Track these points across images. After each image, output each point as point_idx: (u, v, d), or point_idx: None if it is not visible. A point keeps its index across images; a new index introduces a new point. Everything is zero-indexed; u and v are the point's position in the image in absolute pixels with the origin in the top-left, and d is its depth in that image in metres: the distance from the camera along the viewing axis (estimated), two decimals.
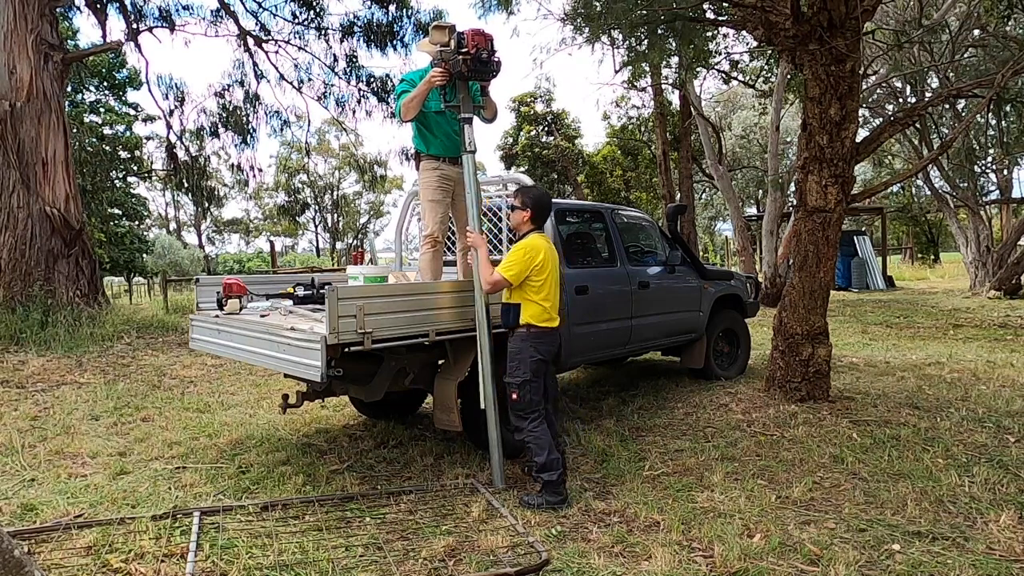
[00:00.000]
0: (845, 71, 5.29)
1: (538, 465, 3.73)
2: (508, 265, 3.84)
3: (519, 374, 3.80)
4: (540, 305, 3.86)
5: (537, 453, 3.74)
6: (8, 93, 9.93)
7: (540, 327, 3.87)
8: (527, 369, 3.80)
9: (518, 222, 4.06)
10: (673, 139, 20.38)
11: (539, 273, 3.84)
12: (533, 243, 3.91)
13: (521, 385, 3.80)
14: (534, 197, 4.05)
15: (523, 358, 3.82)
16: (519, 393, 3.80)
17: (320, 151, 41.66)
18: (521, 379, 3.80)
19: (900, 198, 28.67)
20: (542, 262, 3.85)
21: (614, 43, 7.28)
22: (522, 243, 3.94)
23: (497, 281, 3.86)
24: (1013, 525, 3.30)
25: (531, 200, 4.02)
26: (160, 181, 34.36)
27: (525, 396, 3.79)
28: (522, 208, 4.02)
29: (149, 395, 6.69)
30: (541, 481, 3.74)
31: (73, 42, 19.80)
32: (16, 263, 9.78)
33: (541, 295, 3.86)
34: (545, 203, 4.09)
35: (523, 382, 3.79)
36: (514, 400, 3.82)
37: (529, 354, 3.82)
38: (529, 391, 3.79)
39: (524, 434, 3.81)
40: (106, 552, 3.15)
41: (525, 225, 4.03)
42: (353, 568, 3.01)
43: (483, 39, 4.02)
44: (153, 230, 36.14)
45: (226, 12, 13.61)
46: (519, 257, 3.85)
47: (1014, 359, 7.68)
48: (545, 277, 3.86)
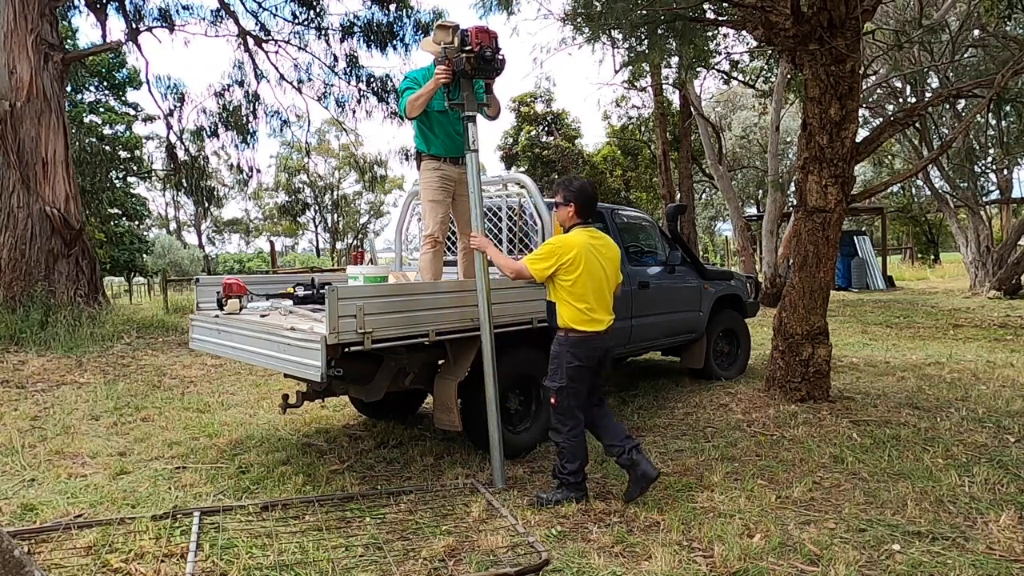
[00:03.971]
0: (845, 71, 5.29)
1: (568, 471, 3.69)
2: (533, 257, 3.72)
3: (557, 379, 3.67)
4: (575, 307, 3.65)
5: (570, 459, 3.67)
6: (8, 93, 9.93)
7: (579, 331, 3.66)
8: (564, 375, 3.65)
9: (564, 219, 3.84)
10: (673, 139, 20.37)
11: (569, 271, 3.62)
12: (565, 238, 3.72)
13: (559, 391, 3.67)
14: (576, 190, 3.80)
15: (560, 363, 3.67)
16: (557, 398, 3.68)
17: (320, 151, 41.66)
18: (559, 384, 3.67)
19: (900, 198, 28.67)
20: (573, 259, 3.62)
21: (614, 43, 7.28)
22: (554, 237, 3.76)
23: (519, 269, 3.74)
24: (1013, 525, 3.30)
25: (573, 193, 3.79)
26: (160, 181, 34.31)
27: (564, 401, 3.67)
28: (565, 204, 3.80)
29: (149, 395, 6.69)
30: (568, 482, 3.70)
31: (73, 42, 19.79)
32: (16, 263, 9.78)
33: (574, 296, 3.64)
34: (589, 194, 3.83)
35: (559, 388, 3.67)
36: (553, 404, 3.71)
37: (567, 359, 3.65)
38: (567, 396, 3.66)
39: (560, 437, 3.71)
40: (106, 552, 3.15)
41: (571, 220, 3.81)
42: (353, 568, 3.01)
43: (487, 36, 4.02)
44: (153, 230, 36.13)
45: (226, 12, 13.61)
46: (545, 251, 3.69)
47: (1014, 359, 7.68)
48: (577, 276, 3.62)
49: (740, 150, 28.05)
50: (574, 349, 3.66)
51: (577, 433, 3.69)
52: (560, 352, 3.68)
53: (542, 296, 4.73)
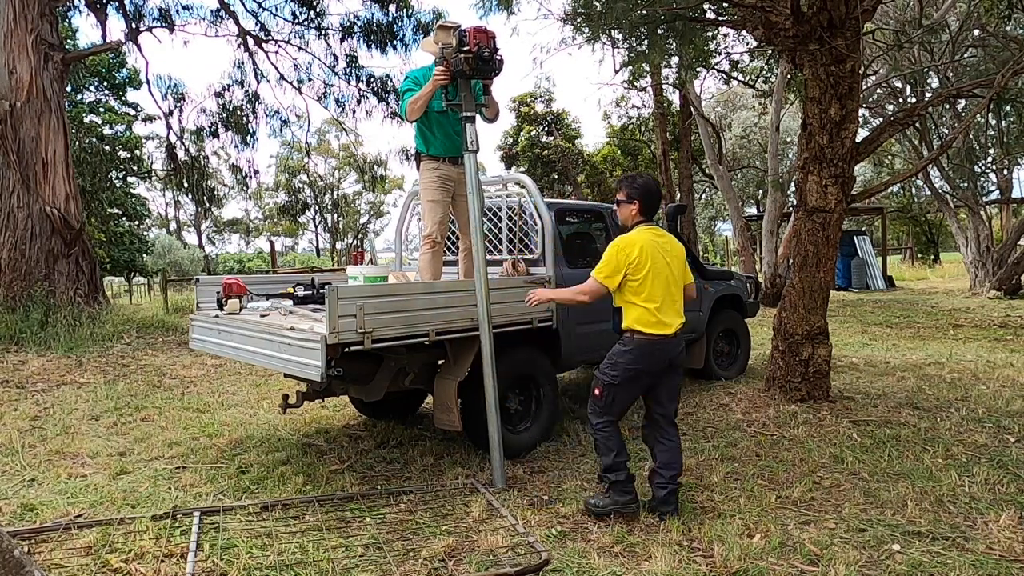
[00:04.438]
0: (845, 71, 5.29)
1: (604, 466, 3.54)
2: (599, 267, 3.53)
3: (608, 373, 3.52)
4: (642, 307, 3.46)
5: (604, 453, 3.53)
6: (8, 93, 9.93)
7: (645, 333, 3.46)
8: (618, 373, 3.50)
9: (626, 217, 3.69)
10: (673, 139, 20.37)
11: (636, 271, 3.45)
12: (627, 238, 3.54)
13: (607, 386, 3.52)
14: (640, 187, 3.64)
15: (620, 363, 3.50)
16: (601, 391, 3.53)
17: (320, 151, 41.67)
18: (609, 380, 3.51)
19: (900, 198, 28.66)
20: (638, 259, 3.45)
21: (614, 43, 7.27)
22: (619, 239, 3.57)
23: (591, 289, 3.53)
24: (1013, 525, 3.30)
25: (637, 190, 3.63)
26: (160, 181, 34.35)
27: (607, 397, 3.52)
28: (628, 201, 3.65)
29: (149, 395, 6.69)
30: (607, 481, 3.53)
31: (73, 42, 19.79)
32: (16, 263, 9.78)
33: (641, 296, 3.46)
34: (653, 190, 3.68)
35: (608, 384, 3.51)
36: (595, 395, 3.56)
37: (628, 361, 3.48)
38: (612, 394, 3.51)
39: (592, 428, 3.60)
40: (106, 552, 3.15)
41: (633, 218, 3.65)
42: (353, 568, 3.01)
43: (485, 37, 4.01)
44: (153, 230, 36.12)
45: (226, 12, 13.61)
46: (610, 256, 3.51)
47: (1014, 359, 7.68)
48: (644, 275, 3.45)
49: (740, 150, 28.06)
50: (638, 353, 3.48)
51: (607, 428, 3.54)
52: (621, 352, 3.52)
53: None
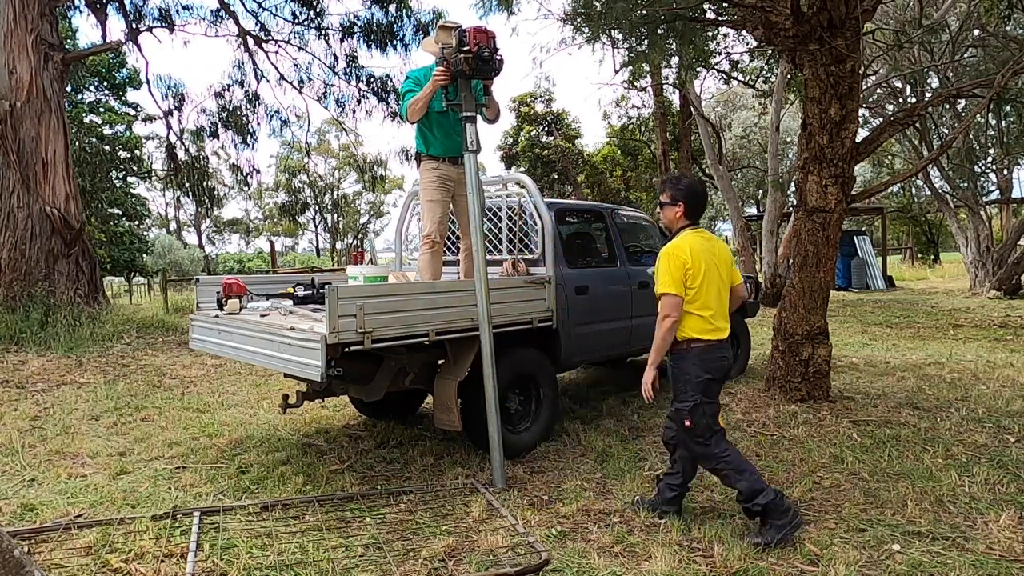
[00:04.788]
0: (845, 71, 5.29)
1: (743, 494, 3.23)
2: (662, 283, 3.32)
3: (688, 397, 3.30)
4: (697, 316, 3.31)
5: (735, 479, 3.24)
6: (8, 93, 9.93)
7: (703, 340, 3.33)
8: (695, 390, 3.29)
9: (671, 219, 3.51)
10: (673, 139, 20.37)
11: (692, 279, 3.29)
12: (678, 245, 3.36)
13: (692, 410, 3.29)
14: (686, 188, 3.48)
15: (689, 379, 3.31)
16: (692, 419, 3.29)
17: (320, 151, 41.68)
18: (691, 402, 3.29)
19: (900, 198, 28.67)
20: (693, 265, 3.30)
21: (614, 43, 7.27)
22: (668, 247, 3.38)
23: (670, 306, 3.27)
24: (1013, 525, 3.30)
25: (683, 192, 3.47)
26: (160, 181, 34.36)
27: (699, 421, 3.29)
28: (672, 203, 3.48)
29: (149, 395, 6.69)
30: (759, 509, 3.19)
31: (73, 42, 19.79)
32: (16, 263, 9.78)
33: (697, 303, 3.30)
34: (699, 191, 3.52)
35: (694, 406, 3.29)
36: (688, 428, 3.31)
37: (695, 374, 3.31)
38: (703, 415, 3.30)
39: (711, 462, 3.32)
40: (106, 552, 3.15)
41: (679, 222, 3.49)
42: (353, 568, 3.01)
43: (485, 37, 4.01)
44: (153, 230, 36.13)
45: (226, 12, 13.61)
46: (665, 267, 3.32)
47: (1014, 359, 7.68)
48: (700, 283, 3.30)
49: (740, 150, 28.06)
50: (700, 361, 3.32)
51: (726, 447, 3.33)
52: (685, 367, 3.33)
53: (542, 296, 4.75)
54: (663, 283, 3.31)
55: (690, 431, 3.32)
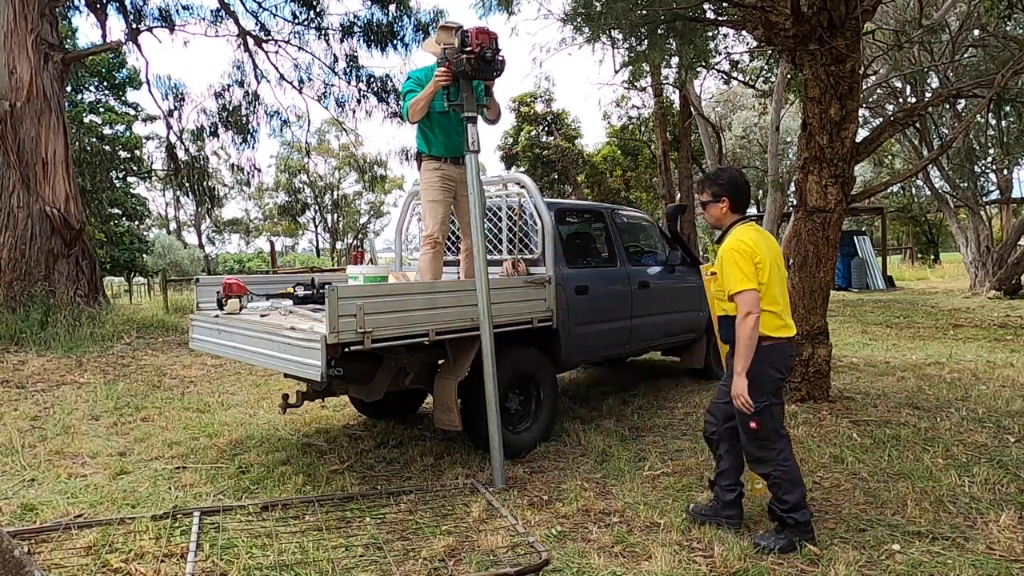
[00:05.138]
0: (845, 71, 5.29)
1: (788, 504, 3.12)
2: (735, 280, 3.10)
3: (756, 398, 3.11)
4: (769, 311, 3.14)
5: (787, 490, 3.12)
6: (8, 93, 9.93)
7: (774, 338, 3.16)
8: (765, 391, 3.13)
9: (718, 216, 3.35)
10: (673, 139, 20.38)
11: (761, 273, 3.13)
12: (739, 240, 3.17)
13: (762, 411, 3.12)
14: (727, 182, 3.33)
15: (759, 378, 3.12)
16: (760, 420, 3.13)
17: (320, 151, 41.69)
18: (760, 403, 3.11)
19: (900, 198, 28.69)
20: (761, 259, 3.13)
21: (614, 43, 7.27)
22: (729, 243, 3.20)
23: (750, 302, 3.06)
24: (1013, 525, 3.30)
25: (724, 186, 3.31)
26: (160, 181, 34.37)
27: (767, 423, 3.14)
28: (715, 200, 3.32)
29: (149, 395, 6.69)
30: (792, 521, 3.12)
31: (73, 42, 19.80)
32: (16, 263, 9.78)
33: (767, 299, 3.13)
34: (741, 183, 3.35)
35: (763, 407, 3.13)
36: (753, 429, 3.15)
37: (765, 373, 3.14)
38: (771, 416, 3.16)
39: (770, 467, 3.16)
40: (106, 552, 3.15)
41: (726, 218, 3.33)
42: (353, 568, 3.01)
43: (487, 37, 4.01)
44: (153, 230, 36.14)
45: (226, 12, 13.62)
46: (734, 262, 3.12)
47: (1014, 359, 7.68)
48: (768, 277, 3.15)
49: (740, 150, 28.07)
50: (772, 360, 3.17)
51: (788, 455, 3.18)
52: (757, 366, 3.12)
53: (541, 296, 4.75)
54: (736, 280, 3.10)
55: (755, 433, 3.16)
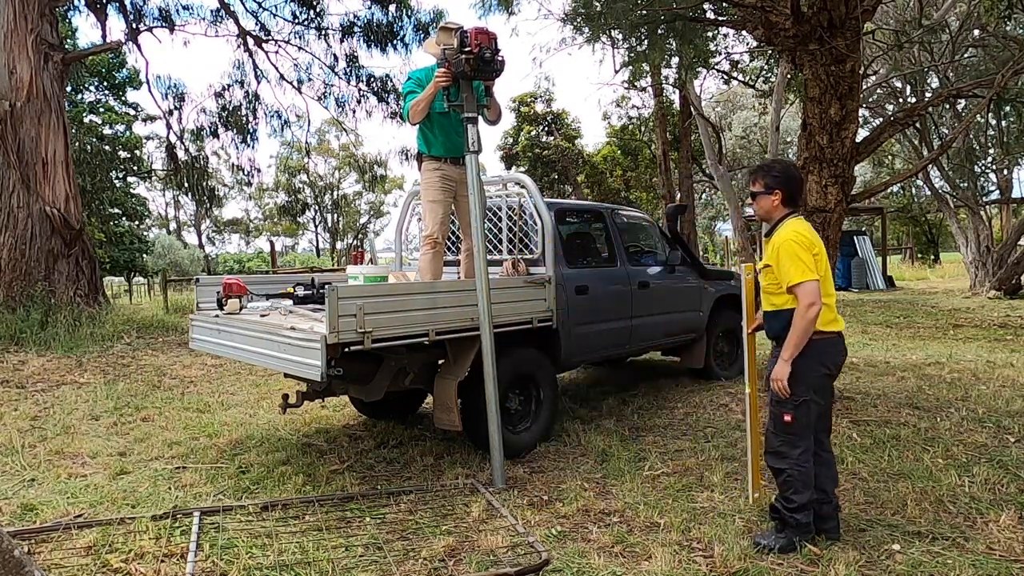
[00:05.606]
0: (845, 71, 5.29)
1: (795, 504, 3.09)
2: (793, 272, 3.02)
3: (799, 391, 3.07)
4: (824, 305, 3.07)
5: (797, 490, 3.09)
6: (8, 93, 9.93)
7: (825, 333, 3.09)
8: (808, 386, 3.08)
9: (768, 209, 3.27)
10: (673, 139, 20.39)
11: (818, 264, 3.07)
12: (795, 230, 3.11)
13: (800, 405, 3.07)
14: (781, 174, 3.25)
15: (804, 373, 3.06)
16: (795, 415, 3.08)
17: (320, 151, 41.68)
18: (800, 398, 3.07)
19: (900, 198, 28.69)
20: (818, 250, 3.08)
21: (614, 43, 7.28)
22: (786, 234, 3.12)
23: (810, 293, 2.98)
24: (1013, 525, 3.30)
25: (777, 179, 3.22)
26: (160, 181, 34.37)
27: (802, 419, 3.09)
28: (767, 192, 3.24)
29: (149, 395, 6.69)
30: (794, 522, 3.10)
31: (73, 42, 19.80)
32: (16, 263, 9.78)
33: (822, 292, 3.06)
34: (795, 176, 3.28)
35: (803, 402, 3.07)
36: (786, 422, 3.10)
37: (812, 368, 3.07)
38: (808, 412, 3.09)
39: (787, 463, 3.11)
40: (106, 552, 3.15)
41: (777, 211, 3.25)
42: (353, 568, 3.01)
43: (486, 38, 4.02)
44: (153, 230, 36.12)
45: (226, 12, 13.61)
46: (793, 252, 3.04)
47: (1014, 359, 7.67)
48: (824, 271, 3.10)
49: (740, 150, 28.07)
50: (822, 355, 3.10)
51: (808, 458, 3.13)
52: (802, 360, 3.07)
53: (541, 296, 4.75)
54: (796, 271, 3.01)
55: (787, 427, 3.11)
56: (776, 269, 3.13)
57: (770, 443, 3.21)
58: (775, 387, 3.10)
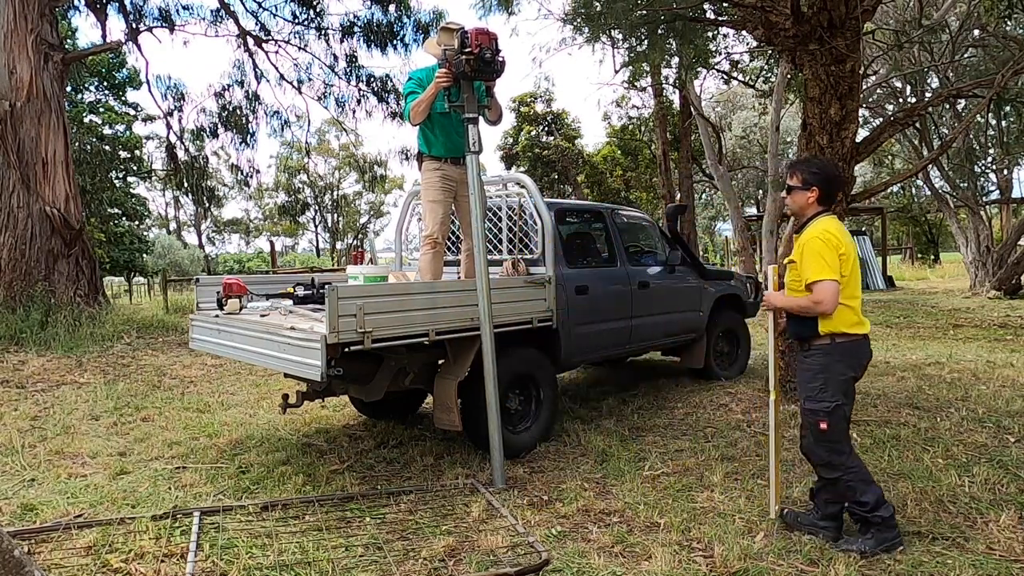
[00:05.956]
0: (845, 71, 5.29)
1: (868, 505, 3.06)
2: (817, 268, 3.00)
3: (827, 397, 3.05)
4: (847, 306, 3.05)
5: (862, 491, 3.07)
6: (8, 93, 9.93)
7: (850, 335, 3.08)
8: (837, 390, 3.06)
9: (801, 205, 3.21)
10: (673, 139, 20.38)
11: (844, 265, 3.04)
12: (825, 229, 3.07)
13: (832, 411, 3.05)
14: (820, 171, 3.19)
15: (831, 377, 3.06)
16: (829, 421, 3.05)
17: (320, 151, 41.67)
18: (832, 403, 3.05)
19: (900, 198, 28.66)
20: (847, 251, 3.05)
21: (614, 43, 7.28)
22: (815, 232, 3.08)
23: (829, 292, 2.98)
24: (1013, 525, 3.30)
25: (816, 176, 3.17)
26: (160, 181, 34.38)
27: (837, 424, 3.07)
28: (803, 187, 3.18)
29: (149, 395, 6.69)
30: (878, 519, 3.05)
31: (73, 42, 19.80)
32: (16, 263, 9.78)
33: (846, 292, 3.04)
34: (834, 176, 3.22)
35: (835, 407, 3.06)
36: (823, 431, 3.07)
37: (838, 371, 3.07)
38: (841, 417, 3.09)
39: (839, 471, 3.10)
40: (106, 552, 3.15)
41: (810, 208, 3.19)
42: (353, 568, 3.01)
43: (487, 38, 4.02)
44: (153, 230, 36.11)
45: (226, 12, 13.61)
46: (819, 251, 3.02)
47: (1014, 359, 7.67)
48: (850, 271, 3.06)
49: (740, 150, 28.06)
50: (846, 358, 3.09)
51: (856, 457, 3.15)
52: (828, 363, 3.06)
53: (541, 296, 4.75)
54: (817, 268, 3.00)
55: (824, 434, 3.09)
56: (799, 265, 3.12)
57: (817, 456, 3.18)
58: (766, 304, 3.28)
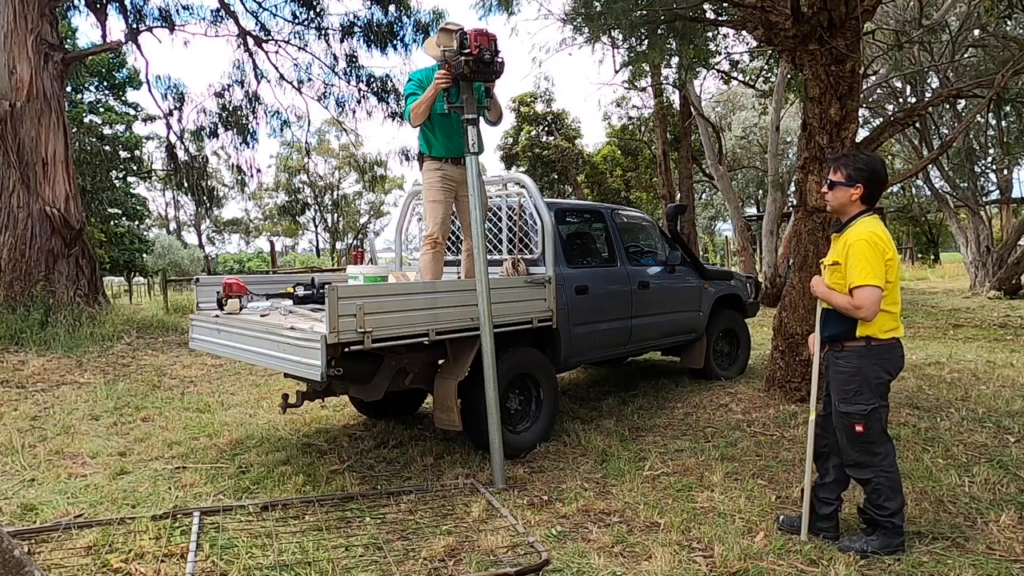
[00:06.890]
0: (845, 71, 5.29)
1: (888, 511, 3.04)
2: (862, 272, 2.90)
3: (863, 400, 3.01)
4: (888, 312, 3.00)
5: (888, 497, 3.04)
6: (8, 93, 9.93)
7: (884, 339, 3.02)
8: (873, 394, 3.02)
9: (843, 202, 3.08)
10: (673, 139, 20.38)
11: (890, 271, 2.96)
12: (873, 232, 2.95)
13: (869, 414, 3.01)
14: (865, 167, 3.05)
15: (866, 379, 3.01)
16: (866, 424, 3.01)
17: (320, 151, 41.66)
18: (868, 406, 3.01)
19: (900, 198, 28.64)
20: (892, 256, 2.95)
21: (614, 43, 7.28)
22: (862, 233, 2.97)
23: (871, 300, 2.89)
24: (1013, 525, 3.30)
25: (862, 172, 3.03)
26: (160, 181, 34.37)
27: (874, 427, 3.03)
28: (847, 183, 3.05)
29: (149, 395, 6.69)
30: (890, 525, 3.05)
31: (73, 42, 19.80)
32: (16, 263, 9.78)
33: (889, 299, 2.98)
34: (880, 172, 3.08)
35: (871, 410, 3.01)
36: (858, 433, 3.03)
37: (875, 374, 3.02)
38: (878, 420, 3.04)
39: (872, 472, 3.05)
40: (106, 552, 3.15)
41: (853, 206, 3.06)
42: (353, 568, 3.01)
43: (486, 39, 4.02)
44: (153, 230, 36.11)
45: (226, 12, 13.61)
46: (866, 254, 2.91)
47: (1014, 359, 7.67)
48: (895, 277, 3.00)
49: (740, 150, 28.05)
50: (883, 361, 3.03)
51: (892, 462, 3.07)
52: (863, 366, 3.01)
53: (542, 296, 4.75)
54: (863, 273, 2.89)
55: (860, 437, 3.04)
56: (844, 267, 3.00)
57: (848, 456, 3.13)
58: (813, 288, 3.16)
